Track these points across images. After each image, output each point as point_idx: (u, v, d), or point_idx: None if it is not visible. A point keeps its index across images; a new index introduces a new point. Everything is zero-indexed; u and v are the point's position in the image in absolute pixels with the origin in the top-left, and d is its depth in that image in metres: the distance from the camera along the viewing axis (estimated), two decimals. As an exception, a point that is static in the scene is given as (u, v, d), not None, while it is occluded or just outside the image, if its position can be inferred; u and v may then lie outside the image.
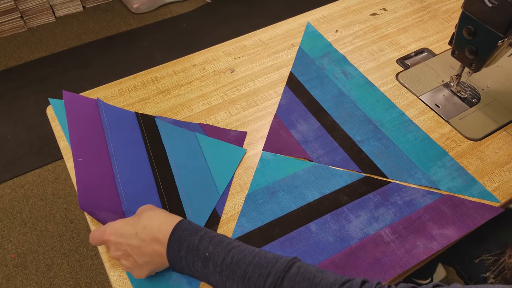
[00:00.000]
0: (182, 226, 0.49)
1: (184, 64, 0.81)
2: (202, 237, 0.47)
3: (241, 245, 0.47)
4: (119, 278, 0.54)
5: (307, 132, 0.69)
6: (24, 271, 1.29)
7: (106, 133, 0.67)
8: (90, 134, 0.67)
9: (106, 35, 2.06)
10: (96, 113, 0.70)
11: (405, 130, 0.69)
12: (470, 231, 0.58)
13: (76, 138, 0.66)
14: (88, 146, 0.65)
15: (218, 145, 0.67)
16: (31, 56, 1.95)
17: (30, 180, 1.51)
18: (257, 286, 0.42)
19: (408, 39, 0.84)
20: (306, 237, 0.57)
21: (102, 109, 0.70)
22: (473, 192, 0.61)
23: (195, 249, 0.47)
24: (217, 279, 0.45)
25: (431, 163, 0.65)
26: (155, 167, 0.64)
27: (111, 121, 0.69)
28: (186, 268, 0.48)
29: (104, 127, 0.68)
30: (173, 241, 0.48)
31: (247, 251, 0.46)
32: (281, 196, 0.61)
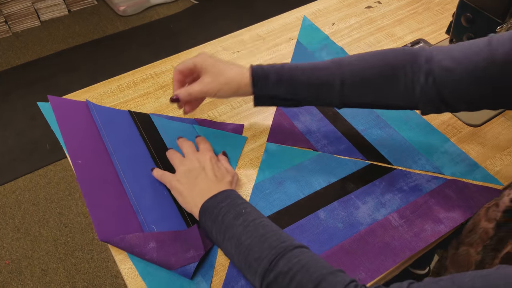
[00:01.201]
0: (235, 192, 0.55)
1: (183, 59, 0.80)
2: (246, 203, 0.53)
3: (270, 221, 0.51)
4: (130, 271, 0.53)
5: (310, 122, 0.69)
6: (19, 277, 1.26)
7: (101, 133, 0.66)
8: (85, 136, 0.66)
9: (92, 38, 2.03)
10: (87, 115, 0.69)
11: (406, 118, 0.70)
12: (474, 214, 0.58)
13: (70, 141, 0.65)
14: (85, 148, 0.64)
15: (218, 135, 0.67)
16: (17, 61, 1.92)
17: (21, 186, 1.48)
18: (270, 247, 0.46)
19: (403, 30, 0.85)
20: (316, 224, 0.57)
21: (94, 111, 0.69)
22: (476, 176, 0.62)
23: (236, 205, 0.52)
24: (236, 233, 0.49)
25: (434, 149, 0.66)
26: (158, 161, 0.63)
27: (105, 121, 0.68)
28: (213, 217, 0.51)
29: (99, 128, 0.67)
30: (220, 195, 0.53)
31: (275, 226, 0.50)
32: (288, 186, 0.62)
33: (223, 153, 0.64)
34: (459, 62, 0.50)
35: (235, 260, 0.49)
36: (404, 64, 0.53)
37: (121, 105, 0.72)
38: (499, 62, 0.47)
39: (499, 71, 0.48)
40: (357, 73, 0.55)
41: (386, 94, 0.55)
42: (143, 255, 0.52)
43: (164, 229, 0.56)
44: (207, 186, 0.55)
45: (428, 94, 0.52)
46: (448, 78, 0.51)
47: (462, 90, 0.51)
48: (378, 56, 0.56)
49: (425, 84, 0.52)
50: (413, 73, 0.53)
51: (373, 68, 0.55)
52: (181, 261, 0.52)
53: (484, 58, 0.48)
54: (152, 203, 0.59)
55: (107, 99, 0.73)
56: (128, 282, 0.52)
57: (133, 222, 0.57)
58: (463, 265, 0.56)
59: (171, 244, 0.53)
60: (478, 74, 0.49)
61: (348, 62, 0.56)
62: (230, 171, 0.60)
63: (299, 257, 0.45)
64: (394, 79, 0.54)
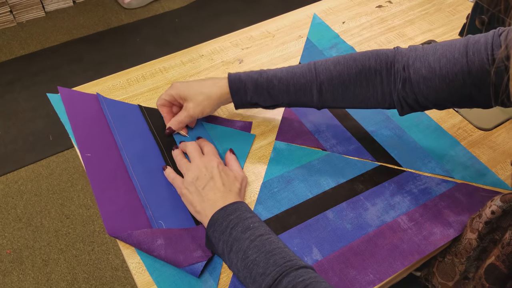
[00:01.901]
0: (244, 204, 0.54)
1: (191, 55, 0.80)
2: (254, 217, 0.52)
3: (278, 238, 0.51)
4: (137, 265, 0.53)
5: (319, 122, 0.69)
6: (20, 267, 1.26)
7: (111, 127, 0.65)
8: (94, 129, 0.65)
9: (97, 31, 2.02)
10: (97, 108, 0.68)
11: (417, 120, 0.69)
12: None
13: (80, 133, 0.64)
14: (94, 141, 0.64)
15: (226, 132, 0.66)
16: (22, 51, 1.91)
17: (23, 176, 1.47)
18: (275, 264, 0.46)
19: (415, 31, 0.85)
20: (324, 224, 0.57)
21: (104, 104, 0.68)
22: (486, 181, 0.62)
23: (244, 219, 0.51)
24: (243, 246, 0.49)
25: (444, 152, 0.65)
26: (167, 157, 0.63)
27: (115, 115, 0.67)
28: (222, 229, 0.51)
29: (108, 121, 0.66)
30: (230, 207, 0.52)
31: (282, 243, 0.50)
32: (297, 185, 0.61)
33: (230, 151, 0.63)
34: (436, 72, 0.52)
35: (240, 273, 0.49)
36: (380, 70, 0.56)
37: (130, 99, 0.71)
38: (474, 73, 0.50)
39: (473, 81, 0.50)
40: (334, 79, 0.57)
41: (362, 99, 0.58)
42: (151, 252, 0.52)
43: (172, 225, 0.56)
44: (216, 197, 0.54)
45: (405, 99, 0.56)
46: (425, 85, 0.53)
47: (437, 96, 0.53)
48: (354, 61, 0.57)
49: (402, 90, 0.55)
50: (389, 79, 0.56)
51: (349, 74, 0.57)
52: (189, 259, 0.51)
53: (461, 70, 0.50)
54: (161, 198, 0.58)
55: (116, 93, 0.72)
56: (136, 277, 0.52)
57: (141, 217, 0.56)
58: (449, 274, 0.57)
59: (179, 242, 0.53)
60: (455, 84, 0.51)
61: (324, 67, 0.58)
62: (238, 177, 0.59)
63: (303, 277, 0.45)
64: (371, 84, 0.56)
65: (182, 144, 0.63)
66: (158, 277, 0.52)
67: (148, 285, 0.51)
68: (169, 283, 0.51)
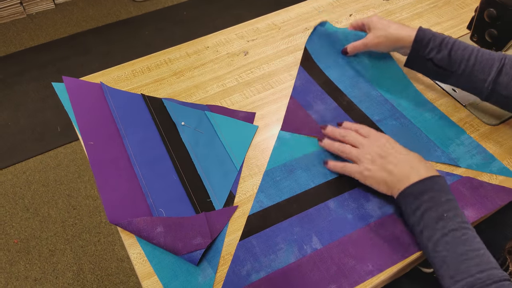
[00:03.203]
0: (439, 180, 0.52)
1: (197, 46, 0.80)
2: (449, 200, 0.50)
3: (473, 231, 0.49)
4: (138, 256, 0.53)
5: (325, 112, 0.68)
6: (27, 256, 1.28)
7: (114, 116, 0.66)
8: (98, 118, 0.66)
9: (106, 23, 2.03)
10: (101, 97, 0.69)
11: (422, 109, 0.69)
12: (489, 213, 0.58)
13: (83, 122, 0.65)
14: (97, 129, 0.64)
15: (229, 122, 0.66)
16: (31, 43, 1.92)
17: (31, 166, 1.49)
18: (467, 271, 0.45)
19: (423, 24, 0.83)
20: (325, 214, 0.57)
21: (107, 93, 0.69)
22: (492, 169, 0.61)
23: (438, 204, 0.50)
24: (434, 237, 0.48)
25: (450, 141, 0.65)
26: (169, 146, 0.63)
27: (118, 104, 0.68)
28: (413, 207, 0.51)
29: (112, 110, 0.67)
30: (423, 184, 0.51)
31: (477, 239, 0.48)
32: (299, 174, 0.61)
33: None
34: None
35: (428, 255, 0.49)
36: None
37: (135, 90, 0.71)
38: None
39: None
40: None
41: None
42: (151, 239, 0.52)
43: (172, 213, 0.56)
44: (405, 169, 0.53)
45: None
46: None
47: None
48: None
49: None
50: None
51: None
52: (188, 247, 0.52)
53: None
54: (162, 186, 0.59)
55: (121, 83, 0.72)
56: (136, 267, 0.53)
57: (142, 205, 0.57)
58: None
59: (179, 230, 0.53)
60: None
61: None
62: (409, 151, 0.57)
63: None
64: None
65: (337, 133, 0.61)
66: (157, 265, 0.52)
67: (148, 275, 0.52)
68: (168, 271, 0.52)
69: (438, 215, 0.49)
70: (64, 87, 0.70)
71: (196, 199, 0.58)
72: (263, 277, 0.51)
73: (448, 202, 0.50)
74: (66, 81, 0.70)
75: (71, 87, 0.69)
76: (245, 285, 0.50)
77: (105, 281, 1.25)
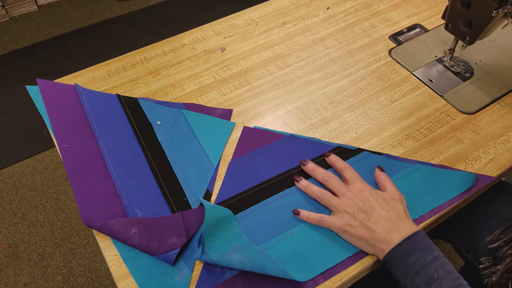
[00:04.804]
0: (419, 238, 0.50)
1: (173, 44, 0.79)
2: (436, 257, 0.48)
3: (467, 286, 0.47)
4: (114, 257, 0.53)
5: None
6: (16, 261, 1.27)
7: (88, 117, 0.65)
8: (72, 120, 0.65)
9: (90, 23, 2.01)
10: (75, 99, 0.68)
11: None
12: (464, 199, 0.58)
13: (58, 124, 0.64)
14: (72, 132, 0.64)
15: (206, 119, 0.66)
16: (14, 46, 1.90)
17: (18, 171, 1.48)
18: None
19: (400, 15, 0.83)
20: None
21: (82, 94, 0.68)
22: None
23: (425, 265, 0.48)
24: None
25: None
26: (145, 146, 0.63)
27: (92, 105, 0.67)
28: (401, 272, 0.48)
29: (86, 112, 0.66)
30: (405, 245, 0.49)
31: None
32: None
33: (379, 168, 0.59)
34: None
35: None
36: None
37: (110, 90, 0.71)
38: None
39: None
40: None
41: None
42: (125, 241, 0.52)
43: (148, 214, 0.56)
44: (386, 228, 0.51)
45: None
46: None
47: None
48: None
49: None
50: None
51: None
52: (163, 247, 0.51)
53: None
54: (137, 187, 0.58)
55: (96, 84, 0.72)
56: (112, 269, 0.52)
57: (117, 207, 0.56)
58: None
59: (154, 230, 0.53)
60: None
61: None
62: (395, 197, 0.54)
63: None
64: None
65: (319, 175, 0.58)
66: (133, 266, 0.52)
67: (124, 276, 0.51)
68: (143, 271, 0.51)
69: (428, 277, 0.47)
70: (38, 90, 0.69)
71: (172, 198, 0.58)
72: (236, 274, 0.51)
73: (435, 260, 0.48)
74: (40, 84, 0.69)
75: (45, 90, 0.69)
76: (220, 282, 0.50)
77: (96, 283, 1.24)
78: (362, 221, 0.52)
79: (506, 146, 0.63)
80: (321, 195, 0.56)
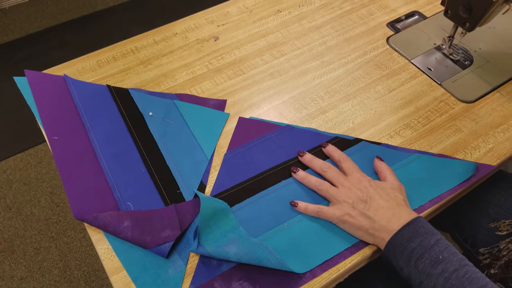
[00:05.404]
0: (420, 223, 0.49)
1: (165, 33, 0.77)
2: (438, 240, 0.47)
3: (473, 267, 0.46)
4: (106, 251, 0.51)
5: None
6: (12, 256, 1.26)
7: (78, 109, 0.64)
8: (61, 111, 0.63)
9: (82, 14, 1.98)
10: (65, 90, 0.66)
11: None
12: (464, 189, 0.57)
13: (46, 116, 0.63)
14: (62, 124, 0.62)
15: (199, 110, 0.64)
16: (5, 38, 1.87)
17: (12, 165, 1.46)
18: None
19: (398, 2, 0.81)
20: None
21: (71, 85, 0.66)
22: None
23: (429, 248, 0.46)
24: (438, 283, 0.45)
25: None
26: (137, 138, 0.61)
27: (82, 96, 0.65)
28: (404, 259, 0.47)
29: (76, 103, 0.64)
30: (407, 230, 0.48)
31: (480, 274, 0.45)
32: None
33: (378, 158, 0.58)
34: None
35: None
36: None
37: (100, 81, 0.69)
38: None
39: None
40: None
41: None
42: (118, 234, 0.51)
43: (141, 207, 0.54)
44: (386, 216, 0.50)
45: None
46: None
47: None
48: None
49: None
50: None
51: None
52: (156, 240, 0.50)
53: None
54: (129, 179, 0.57)
55: (86, 75, 0.70)
56: (104, 262, 0.51)
57: (109, 199, 0.55)
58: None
59: (147, 223, 0.52)
60: None
61: None
62: (395, 187, 0.53)
63: None
64: None
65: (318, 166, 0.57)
66: (126, 259, 0.51)
67: (117, 270, 0.50)
68: (136, 265, 0.50)
69: (433, 259, 0.46)
70: (26, 81, 0.67)
71: (166, 191, 0.56)
72: (233, 267, 0.50)
73: (438, 242, 0.47)
74: (28, 75, 0.67)
75: (33, 81, 0.67)
76: (216, 275, 0.49)
77: (92, 276, 1.24)
78: (361, 211, 0.51)
79: (506, 135, 0.62)
80: (319, 185, 0.55)
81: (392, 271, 0.50)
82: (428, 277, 0.45)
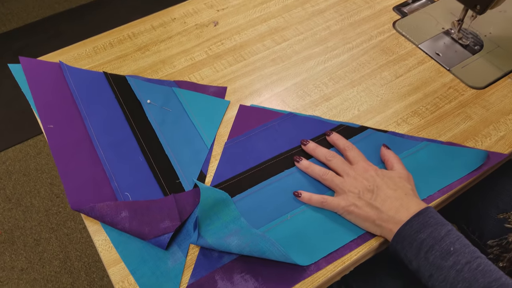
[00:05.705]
0: (430, 213, 0.47)
1: (163, 18, 0.74)
2: (449, 231, 0.45)
3: (486, 259, 0.44)
4: (104, 242, 0.50)
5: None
6: (12, 247, 1.25)
7: (74, 96, 0.62)
8: (57, 99, 0.61)
9: (80, 3, 1.95)
10: (60, 77, 0.64)
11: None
12: (474, 178, 0.55)
13: (42, 104, 0.61)
14: (57, 112, 0.60)
15: (199, 98, 0.62)
16: (3, 28, 1.84)
17: (11, 156, 1.44)
18: None
19: (404, -15, 0.78)
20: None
21: (67, 72, 0.64)
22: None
23: (440, 239, 0.44)
24: (448, 277, 0.43)
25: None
26: (134, 126, 0.59)
27: (78, 83, 0.63)
28: (413, 251, 0.45)
29: (72, 91, 0.62)
30: (416, 221, 0.46)
31: (493, 267, 0.43)
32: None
33: (385, 146, 0.56)
34: None
35: None
36: None
37: (97, 68, 0.67)
38: None
39: None
40: None
41: None
42: (115, 225, 0.49)
43: (139, 197, 0.53)
44: (394, 206, 0.48)
45: None
46: None
47: None
48: None
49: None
50: None
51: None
52: (155, 231, 0.48)
53: None
54: (127, 169, 0.55)
55: (82, 62, 0.67)
56: (102, 254, 0.49)
57: (106, 189, 0.53)
58: None
59: (145, 214, 0.50)
60: None
61: None
62: (403, 176, 0.51)
63: None
64: None
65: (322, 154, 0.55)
66: (124, 251, 0.49)
67: (115, 262, 0.49)
68: (135, 256, 0.48)
69: (444, 251, 0.44)
70: (21, 69, 0.65)
71: (164, 180, 0.54)
72: (235, 259, 0.48)
73: (449, 233, 0.45)
74: (23, 62, 0.65)
75: (28, 68, 0.65)
76: (217, 267, 0.48)
77: (93, 267, 1.23)
78: (368, 201, 0.49)
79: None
80: (323, 175, 0.53)
81: (398, 264, 0.48)
82: (439, 270, 0.43)
